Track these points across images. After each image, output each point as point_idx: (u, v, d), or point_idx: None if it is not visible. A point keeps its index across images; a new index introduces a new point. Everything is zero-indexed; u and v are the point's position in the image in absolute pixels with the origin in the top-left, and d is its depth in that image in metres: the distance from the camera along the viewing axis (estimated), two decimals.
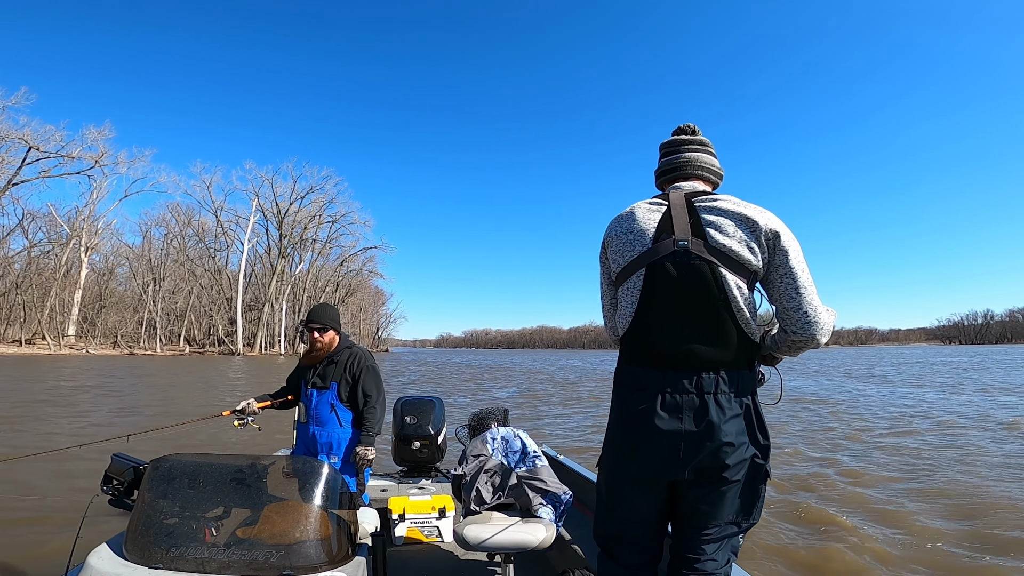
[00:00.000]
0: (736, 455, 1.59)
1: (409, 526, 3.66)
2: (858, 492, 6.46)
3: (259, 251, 71.95)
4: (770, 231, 1.64)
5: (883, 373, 31.62)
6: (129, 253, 67.80)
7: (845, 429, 11.28)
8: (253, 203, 68.30)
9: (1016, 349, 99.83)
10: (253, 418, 3.37)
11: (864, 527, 5.16)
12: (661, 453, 1.61)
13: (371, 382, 3.30)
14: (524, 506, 2.87)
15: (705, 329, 1.61)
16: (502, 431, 3.12)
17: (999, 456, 8.31)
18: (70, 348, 54.19)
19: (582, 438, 10.69)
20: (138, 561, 1.86)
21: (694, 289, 1.62)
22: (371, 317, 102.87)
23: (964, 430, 10.89)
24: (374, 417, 3.25)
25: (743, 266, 1.62)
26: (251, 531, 2.00)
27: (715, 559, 1.69)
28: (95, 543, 1.96)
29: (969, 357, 53.73)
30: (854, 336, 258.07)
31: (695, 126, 1.93)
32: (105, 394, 17.25)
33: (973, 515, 5.49)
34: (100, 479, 2.26)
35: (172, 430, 7.16)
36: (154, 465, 2.14)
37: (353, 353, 3.36)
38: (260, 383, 23.09)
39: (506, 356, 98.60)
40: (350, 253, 77.46)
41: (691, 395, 1.59)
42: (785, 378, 1.84)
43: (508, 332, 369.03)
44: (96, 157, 55.77)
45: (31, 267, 54.83)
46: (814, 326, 1.65)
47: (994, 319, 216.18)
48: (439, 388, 23.37)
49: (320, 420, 3.26)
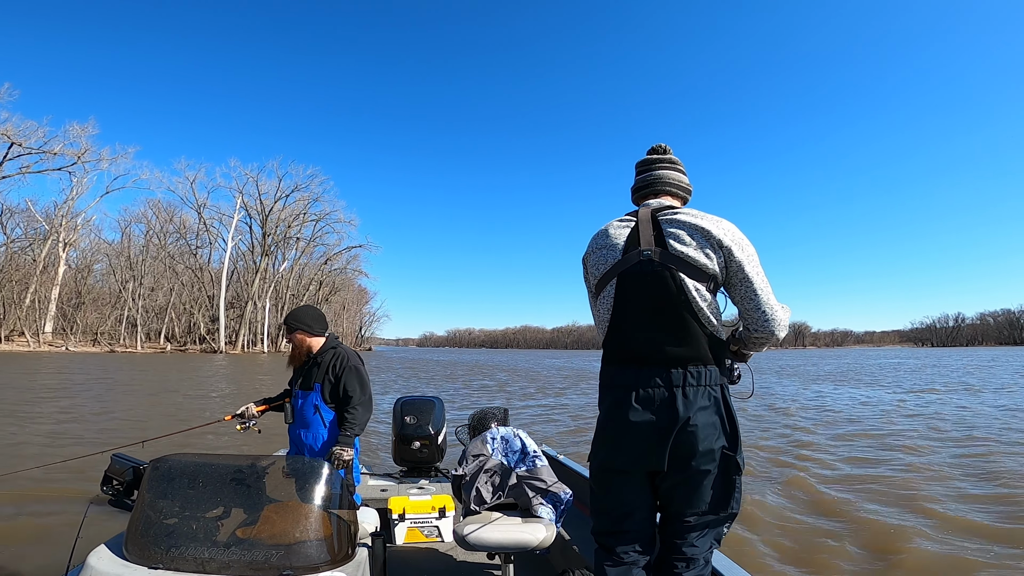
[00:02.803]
0: (704, 445, 1.72)
1: (409, 526, 3.65)
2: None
3: (242, 249, 71.30)
4: (723, 239, 1.80)
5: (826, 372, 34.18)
6: (108, 249, 66.79)
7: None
8: (237, 200, 67.59)
9: (983, 351, 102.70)
10: (254, 421, 3.37)
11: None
12: (636, 444, 1.77)
13: (354, 382, 3.22)
14: (524, 506, 2.87)
15: (670, 329, 1.78)
16: (502, 431, 3.12)
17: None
18: (49, 345, 53.23)
19: (542, 419, 11.42)
20: (138, 561, 1.86)
21: (658, 293, 1.79)
22: (354, 316, 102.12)
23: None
24: (354, 417, 3.16)
25: (700, 270, 1.78)
26: (251, 531, 2.00)
27: (696, 545, 1.81)
28: (95, 543, 1.97)
29: (919, 360, 56.68)
30: (830, 338, 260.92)
31: (667, 146, 2.10)
32: (101, 393, 17.05)
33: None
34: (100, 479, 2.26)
35: (156, 432, 7.15)
36: (154, 465, 2.14)
37: (336, 354, 3.29)
38: (245, 382, 22.96)
39: (489, 355, 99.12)
40: (334, 251, 77.08)
41: (660, 389, 1.75)
42: (759, 379, 2.01)
43: (491, 332, 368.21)
44: (78, 153, 54.87)
45: (9, 263, 53.72)
46: (772, 323, 1.83)
47: (965, 322, 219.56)
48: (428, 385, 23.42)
49: (305, 421, 3.23)
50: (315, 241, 74.60)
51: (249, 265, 70.72)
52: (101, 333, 62.16)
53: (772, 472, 7.68)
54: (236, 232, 68.11)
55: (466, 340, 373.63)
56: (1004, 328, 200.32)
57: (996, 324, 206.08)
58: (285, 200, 69.54)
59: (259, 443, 4.25)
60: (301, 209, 70.85)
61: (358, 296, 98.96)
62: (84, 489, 5.78)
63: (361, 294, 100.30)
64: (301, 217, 71.11)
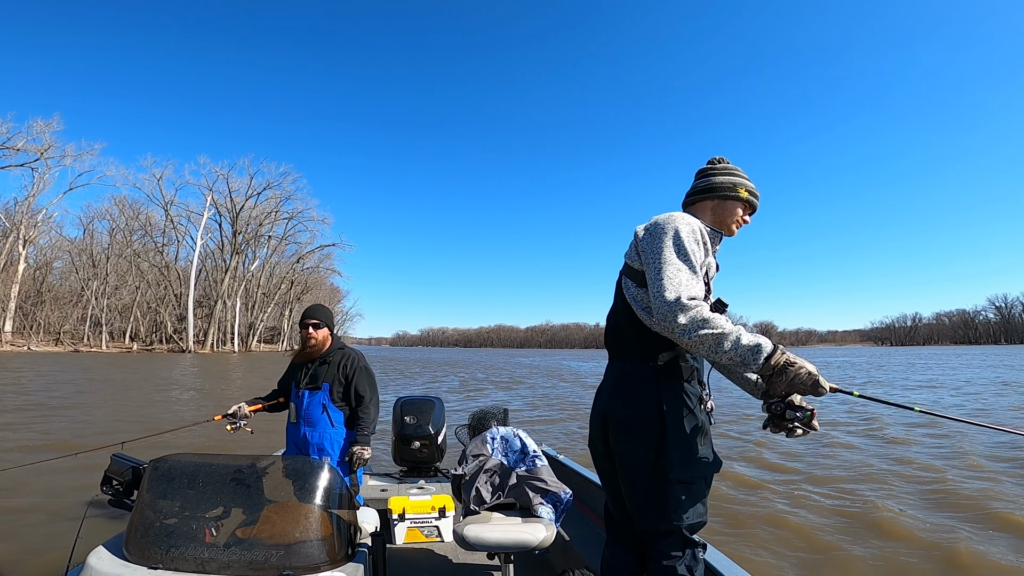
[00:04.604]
0: (624, 447, 1.82)
1: (409, 526, 3.64)
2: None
3: (211, 247, 69.65)
4: (639, 234, 1.87)
5: None
6: (70, 247, 64.56)
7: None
8: (207, 198, 65.94)
9: (937, 350, 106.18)
10: (245, 421, 3.35)
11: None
12: (592, 431, 1.99)
13: (365, 382, 3.31)
14: (524, 506, 2.88)
15: (615, 326, 1.97)
16: (502, 431, 3.12)
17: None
18: (10, 345, 51.27)
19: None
20: (138, 561, 1.85)
21: (615, 295, 1.99)
22: None
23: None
24: (368, 417, 3.26)
25: (633, 269, 1.89)
26: (251, 531, 2.00)
27: (655, 560, 1.80)
28: (95, 543, 1.97)
29: (865, 359, 58.32)
30: (795, 337, 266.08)
31: (719, 157, 2.07)
32: (75, 394, 16.50)
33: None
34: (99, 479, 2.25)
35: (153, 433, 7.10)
36: (154, 465, 2.13)
37: (345, 354, 3.36)
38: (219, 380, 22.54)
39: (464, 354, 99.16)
40: (307, 250, 75.92)
41: (608, 380, 1.96)
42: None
43: (465, 331, 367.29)
44: (41, 149, 52.85)
45: None
46: (661, 308, 1.64)
47: (922, 322, 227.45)
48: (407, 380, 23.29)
49: (311, 421, 3.24)
50: (287, 239, 73.47)
51: (218, 263, 69.13)
52: (64, 332, 60.20)
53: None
54: (205, 230, 66.66)
55: (440, 339, 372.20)
56: (958, 328, 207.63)
57: (951, 324, 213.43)
58: (257, 198, 68.20)
59: (247, 444, 4.18)
60: (273, 207, 69.63)
61: (330, 295, 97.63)
62: (81, 489, 5.73)
63: (333, 293, 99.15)
64: (273, 215, 69.89)
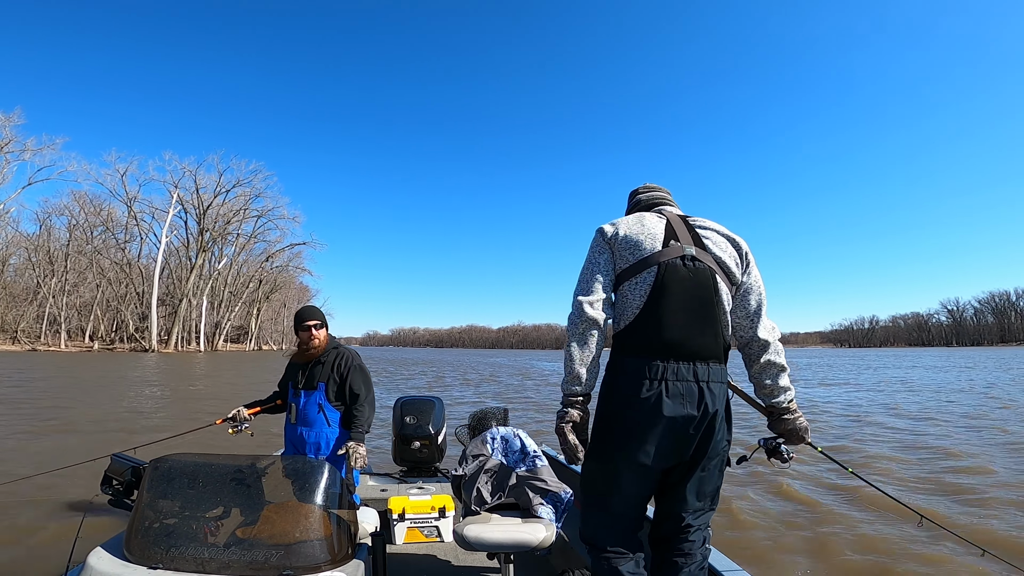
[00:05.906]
0: (722, 440, 1.85)
1: (409, 526, 3.63)
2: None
3: (175, 244, 67.86)
4: (747, 254, 1.99)
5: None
6: (25, 243, 62.21)
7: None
8: (173, 195, 64.28)
9: (893, 351, 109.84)
10: (246, 424, 3.38)
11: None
12: (667, 438, 1.77)
13: (360, 381, 3.32)
14: (524, 506, 2.87)
15: (703, 325, 1.83)
16: (502, 431, 3.13)
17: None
18: None
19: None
20: (138, 561, 1.86)
21: (698, 290, 1.84)
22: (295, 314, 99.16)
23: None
24: (363, 415, 3.26)
25: (729, 277, 1.93)
26: (251, 531, 2.01)
27: (694, 540, 1.89)
28: (95, 543, 1.97)
29: (816, 359, 60.31)
30: None
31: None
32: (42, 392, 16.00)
33: None
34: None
35: (149, 439, 7.02)
36: (154, 465, 2.13)
37: (340, 353, 3.37)
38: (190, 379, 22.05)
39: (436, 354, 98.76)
40: (276, 248, 74.65)
41: (690, 383, 1.77)
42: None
43: (436, 331, 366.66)
44: (1, 144, 51.08)
45: None
46: (775, 330, 2.01)
47: (879, 324, 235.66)
48: None
49: (308, 420, 3.25)
50: (256, 237, 72.19)
51: (183, 261, 67.51)
52: (20, 331, 57.97)
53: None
54: (170, 227, 64.91)
55: (411, 339, 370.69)
56: (913, 330, 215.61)
57: (906, 326, 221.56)
58: (226, 195, 66.93)
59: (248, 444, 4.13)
60: (242, 204, 68.39)
61: (299, 294, 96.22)
62: (78, 489, 5.69)
63: (303, 292, 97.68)
64: (242, 212, 68.63)
